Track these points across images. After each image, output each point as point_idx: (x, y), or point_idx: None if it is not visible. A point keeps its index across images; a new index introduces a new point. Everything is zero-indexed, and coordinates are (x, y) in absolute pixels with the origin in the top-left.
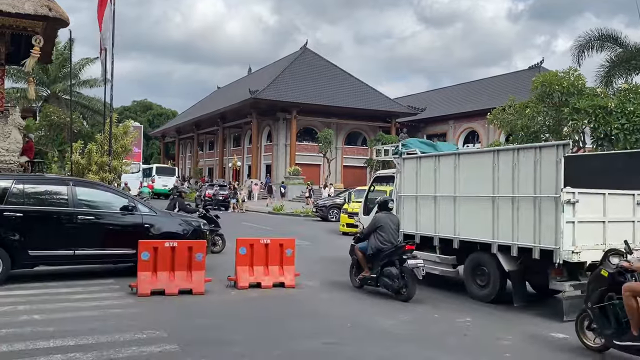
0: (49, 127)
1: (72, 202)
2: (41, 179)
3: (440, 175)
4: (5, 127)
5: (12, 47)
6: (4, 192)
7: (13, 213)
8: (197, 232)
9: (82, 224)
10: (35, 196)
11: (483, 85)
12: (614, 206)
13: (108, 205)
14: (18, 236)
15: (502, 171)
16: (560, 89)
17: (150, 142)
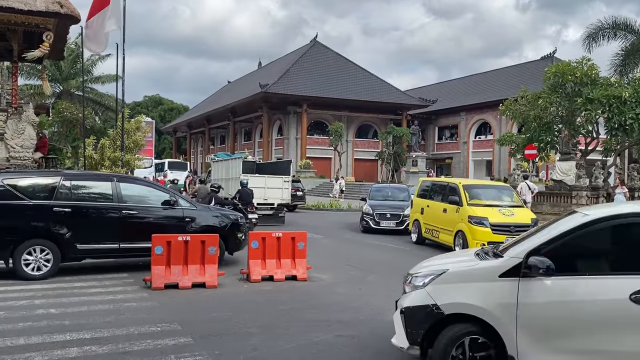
0: (62, 123)
1: (117, 197)
2: (87, 175)
3: (223, 168)
4: (19, 124)
5: (25, 44)
6: (53, 188)
7: (62, 208)
8: (235, 225)
9: (126, 218)
10: (82, 192)
11: (494, 76)
12: (270, 181)
13: (150, 199)
14: (67, 230)
15: (232, 166)
16: (574, 79)
17: (162, 137)
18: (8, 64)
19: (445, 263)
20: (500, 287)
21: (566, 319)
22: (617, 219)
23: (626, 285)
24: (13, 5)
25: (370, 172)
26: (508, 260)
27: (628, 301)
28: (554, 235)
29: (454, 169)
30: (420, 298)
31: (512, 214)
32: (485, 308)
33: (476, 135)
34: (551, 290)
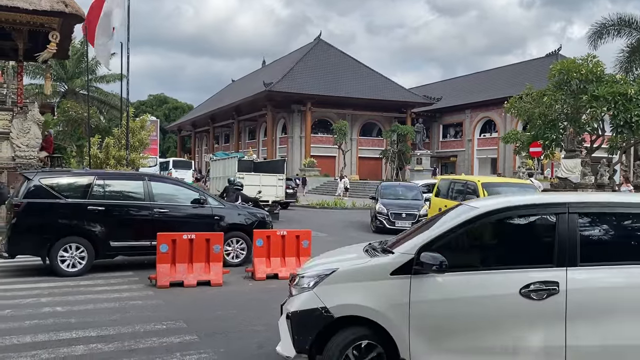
0: (67, 122)
1: (148, 196)
2: (120, 175)
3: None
4: (24, 123)
5: (30, 44)
6: (87, 187)
7: (96, 207)
8: (262, 223)
9: (157, 217)
10: (114, 191)
11: (499, 73)
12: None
13: (180, 198)
14: (100, 228)
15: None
16: (579, 76)
17: (166, 136)
18: (13, 64)
19: (335, 261)
20: (391, 285)
21: (460, 316)
22: (505, 212)
23: (517, 280)
24: (18, 4)
25: (374, 171)
26: (399, 256)
27: (518, 296)
28: (445, 229)
29: (458, 166)
30: (307, 301)
31: None
32: (376, 309)
33: (481, 133)
34: (444, 288)
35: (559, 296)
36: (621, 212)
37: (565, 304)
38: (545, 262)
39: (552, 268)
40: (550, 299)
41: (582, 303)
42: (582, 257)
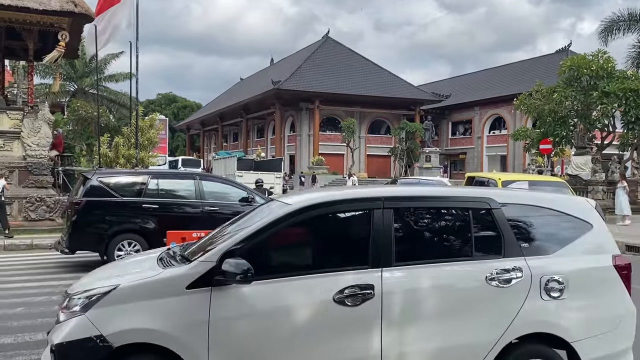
0: (76, 122)
1: (199, 194)
2: (172, 174)
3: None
4: (35, 122)
5: (40, 44)
6: (142, 186)
7: (150, 205)
8: None
9: (207, 214)
10: (167, 189)
11: (508, 70)
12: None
13: (229, 196)
14: (154, 225)
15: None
16: (589, 72)
17: (175, 135)
18: (24, 64)
19: (116, 275)
20: (188, 302)
21: (270, 333)
22: (319, 208)
23: (331, 285)
24: (28, 5)
25: (383, 168)
26: (198, 265)
27: (333, 303)
28: (253, 230)
29: (467, 164)
30: (78, 328)
31: None
32: (168, 332)
33: (490, 130)
34: (251, 300)
35: (375, 300)
36: (437, 206)
37: (381, 309)
38: (361, 264)
39: (367, 270)
40: (365, 305)
41: (397, 306)
42: (397, 256)
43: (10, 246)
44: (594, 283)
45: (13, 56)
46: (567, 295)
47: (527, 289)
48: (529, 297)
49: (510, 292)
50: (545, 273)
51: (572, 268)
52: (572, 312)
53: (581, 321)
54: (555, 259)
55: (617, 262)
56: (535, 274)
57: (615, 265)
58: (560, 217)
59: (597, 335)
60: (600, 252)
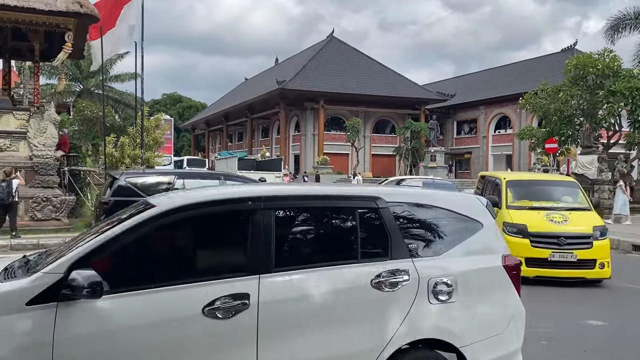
0: (82, 122)
1: None
2: (197, 174)
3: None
4: (41, 123)
5: (46, 44)
6: (168, 186)
7: None
8: None
9: None
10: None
11: (513, 69)
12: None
13: None
14: None
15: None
16: (595, 71)
17: (180, 135)
18: (30, 64)
19: None
20: (27, 321)
21: (127, 354)
22: (190, 210)
23: (201, 296)
24: (34, 5)
25: (388, 168)
26: (41, 278)
27: (202, 317)
28: (110, 236)
29: (473, 163)
30: None
31: (565, 220)
32: (4, 357)
33: (496, 129)
34: (105, 317)
35: (250, 311)
36: (321, 206)
37: (257, 320)
38: (237, 271)
39: (243, 277)
40: (239, 316)
41: (276, 317)
42: (278, 261)
43: (17, 246)
44: (483, 284)
45: (19, 57)
46: (455, 298)
47: (415, 293)
48: (416, 301)
49: (397, 296)
50: (433, 275)
51: (461, 269)
52: (461, 316)
53: (470, 325)
54: (444, 260)
55: (507, 262)
56: (422, 277)
57: (505, 266)
58: (450, 216)
59: (487, 338)
60: (490, 252)
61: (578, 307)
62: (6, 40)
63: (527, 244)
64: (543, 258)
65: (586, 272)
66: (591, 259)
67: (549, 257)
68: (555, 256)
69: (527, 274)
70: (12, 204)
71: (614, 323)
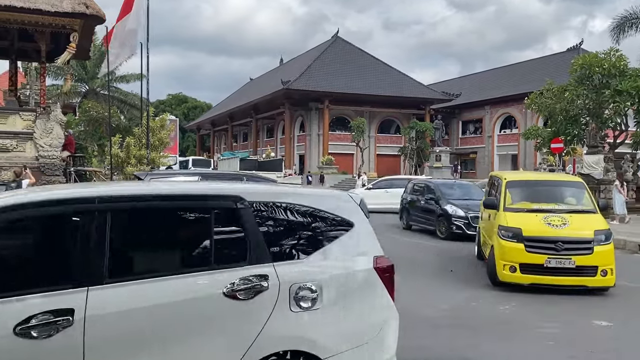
0: (88, 122)
1: None
2: (220, 175)
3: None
4: (47, 123)
5: (52, 45)
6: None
7: None
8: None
9: None
10: None
11: (519, 69)
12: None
13: None
14: None
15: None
16: (601, 70)
17: (186, 135)
18: (36, 65)
19: None
20: None
21: None
22: (6, 213)
23: (13, 314)
24: (41, 7)
25: (392, 168)
26: None
27: (14, 337)
28: None
29: (478, 163)
30: None
31: (564, 224)
32: None
33: (501, 129)
34: None
35: (74, 329)
36: (171, 207)
37: (84, 340)
38: (61, 283)
39: (67, 290)
40: (61, 335)
41: (108, 335)
42: (112, 271)
43: None
44: (352, 289)
45: (26, 58)
46: (320, 304)
47: (274, 300)
48: (276, 310)
49: (254, 305)
50: (296, 280)
51: (327, 273)
52: (327, 324)
53: (337, 333)
54: (309, 263)
55: (379, 264)
56: (284, 282)
57: (376, 268)
58: (318, 216)
59: (356, 347)
60: (361, 254)
61: (584, 308)
62: (13, 42)
63: (521, 249)
64: (538, 264)
65: (587, 280)
66: (592, 265)
67: (544, 263)
68: (552, 262)
69: (521, 281)
70: None
71: (620, 324)
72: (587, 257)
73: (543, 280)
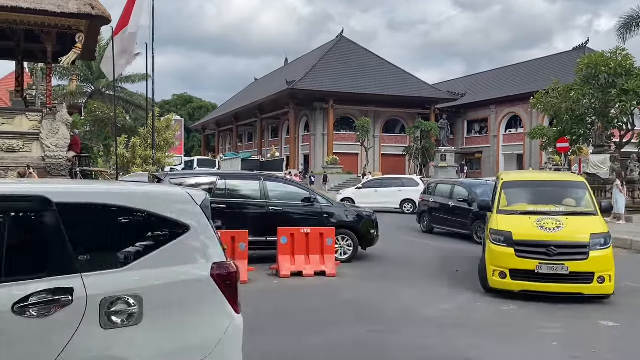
0: (93, 123)
1: (264, 194)
2: (238, 175)
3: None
4: (53, 124)
5: (58, 46)
6: (210, 186)
7: (218, 205)
8: (369, 222)
9: (272, 214)
10: (234, 190)
11: (524, 68)
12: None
13: (293, 197)
14: (222, 225)
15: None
16: (607, 69)
17: (191, 135)
18: (42, 66)
19: None
20: None
21: None
22: None
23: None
24: (47, 8)
25: (397, 168)
26: None
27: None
28: None
29: (484, 163)
30: None
31: (558, 227)
32: None
33: (506, 128)
34: None
35: None
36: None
37: None
38: None
39: None
40: None
41: None
42: None
43: None
44: (182, 300)
45: (32, 58)
46: (141, 319)
47: (80, 317)
48: (82, 328)
49: (52, 323)
50: (109, 293)
51: (150, 284)
52: (148, 342)
53: (162, 352)
54: (127, 273)
55: (217, 271)
56: (93, 295)
57: (214, 275)
58: (143, 218)
59: None
60: (196, 261)
61: (588, 309)
62: (19, 43)
63: (511, 254)
64: (529, 270)
65: (582, 288)
66: (587, 272)
67: (535, 269)
68: (543, 268)
69: (511, 288)
70: None
71: (626, 324)
72: (582, 262)
73: (534, 287)
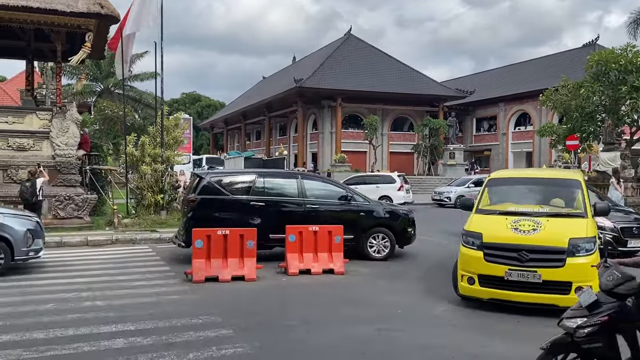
0: (103, 121)
1: (301, 192)
2: (276, 174)
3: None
4: (63, 122)
5: (68, 45)
6: (249, 185)
7: (257, 203)
8: (405, 219)
9: (309, 212)
10: (272, 188)
11: (533, 65)
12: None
13: (329, 195)
14: (261, 222)
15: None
16: (617, 66)
17: (199, 134)
18: (52, 65)
19: None
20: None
21: None
22: None
23: None
24: (57, 7)
25: (406, 166)
26: None
27: None
28: None
29: (492, 161)
30: None
31: (534, 229)
32: None
33: (515, 126)
34: None
35: None
36: None
37: None
38: None
39: None
40: None
41: None
42: None
43: None
44: None
45: (42, 58)
46: None
47: None
48: None
49: None
50: None
51: None
52: None
53: None
54: None
55: None
56: None
57: None
58: None
59: None
60: None
61: None
62: (29, 42)
63: (480, 258)
64: (498, 276)
65: (557, 299)
66: (563, 281)
67: (505, 276)
68: (513, 275)
69: (480, 295)
70: (36, 203)
71: None
72: (557, 270)
73: (503, 295)
